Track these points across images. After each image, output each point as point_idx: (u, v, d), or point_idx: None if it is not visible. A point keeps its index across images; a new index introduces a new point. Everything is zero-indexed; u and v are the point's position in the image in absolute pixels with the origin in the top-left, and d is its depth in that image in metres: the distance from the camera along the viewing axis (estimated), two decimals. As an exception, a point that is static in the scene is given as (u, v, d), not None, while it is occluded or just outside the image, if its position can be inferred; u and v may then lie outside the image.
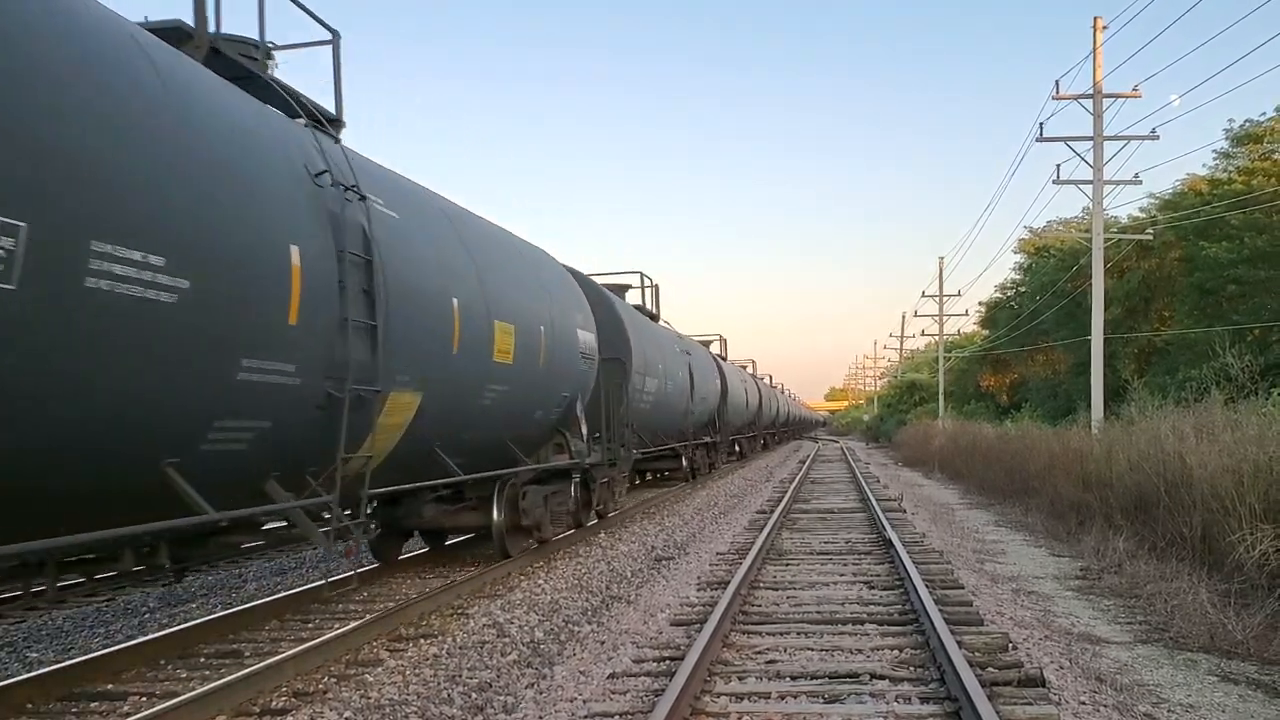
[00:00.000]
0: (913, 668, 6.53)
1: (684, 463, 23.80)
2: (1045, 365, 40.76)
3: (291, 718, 5.74)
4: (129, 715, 5.93)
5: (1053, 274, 37.07)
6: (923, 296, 51.80)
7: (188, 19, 6.53)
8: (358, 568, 8.64)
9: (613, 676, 6.45)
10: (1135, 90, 22.17)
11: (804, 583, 9.86)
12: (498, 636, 7.73)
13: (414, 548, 12.12)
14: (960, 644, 6.72)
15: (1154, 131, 22.06)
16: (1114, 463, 13.80)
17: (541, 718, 5.75)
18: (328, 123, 7.68)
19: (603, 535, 14.02)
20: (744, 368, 44.32)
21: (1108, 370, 23.40)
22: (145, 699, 6.18)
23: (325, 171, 6.87)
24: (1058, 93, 22.35)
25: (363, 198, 7.25)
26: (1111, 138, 22.27)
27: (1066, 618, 8.77)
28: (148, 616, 8.92)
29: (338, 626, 7.84)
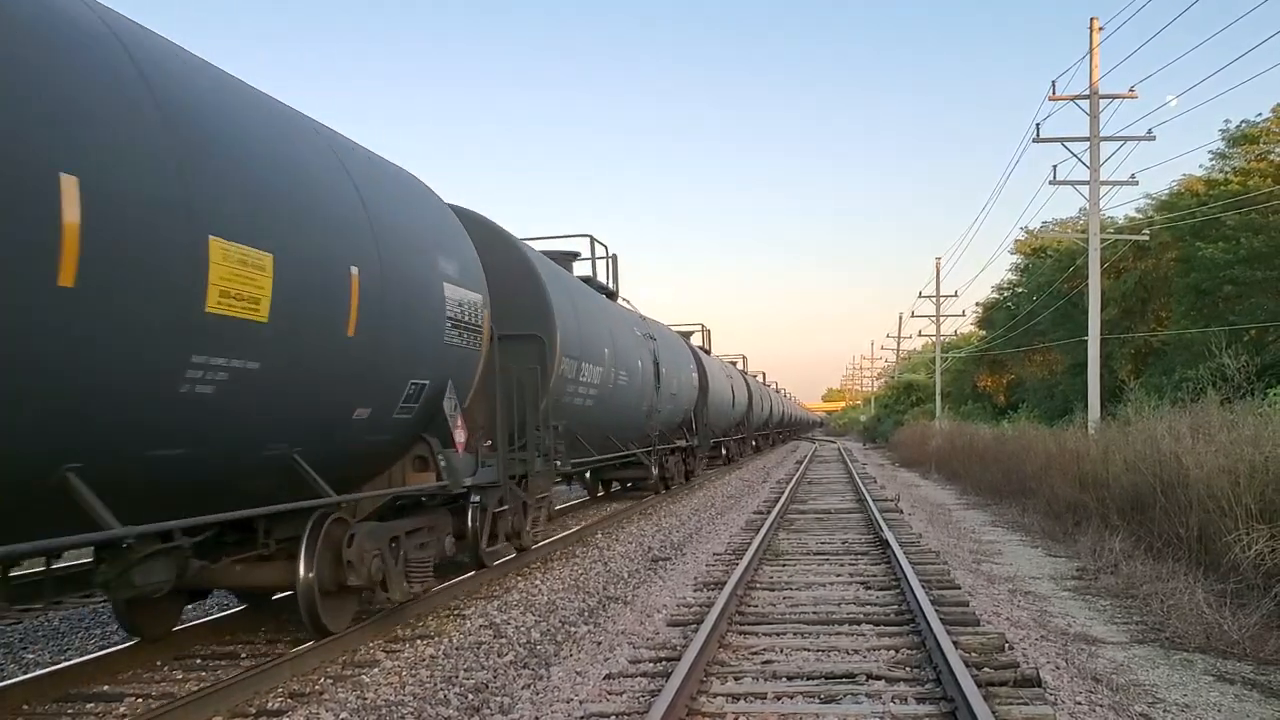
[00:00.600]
0: (909, 668, 6.54)
1: (654, 471, 19.04)
2: (1042, 366, 40.83)
3: (288, 719, 5.74)
4: (126, 716, 5.93)
5: (1049, 274, 37.15)
6: (920, 297, 51.95)
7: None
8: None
9: (609, 677, 6.45)
10: (1132, 91, 22.22)
11: (800, 583, 9.87)
12: (494, 637, 7.74)
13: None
14: (956, 644, 6.73)
15: (1150, 132, 22.11)
16: (1110, 463, 13.81)
17: (538, 718, 5.76)
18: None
19: (599, 536, 14.02)
20: (733, 364, 40.51)
21: (1104, 371, 23.44)
22: (142, 700, 6.18)
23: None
24: (1054, 94, 22.39)
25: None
26: (1108, 138, 22.31)
27: (1063, 618, 8.78)
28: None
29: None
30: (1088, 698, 6.01)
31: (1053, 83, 22.51)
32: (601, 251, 16.72)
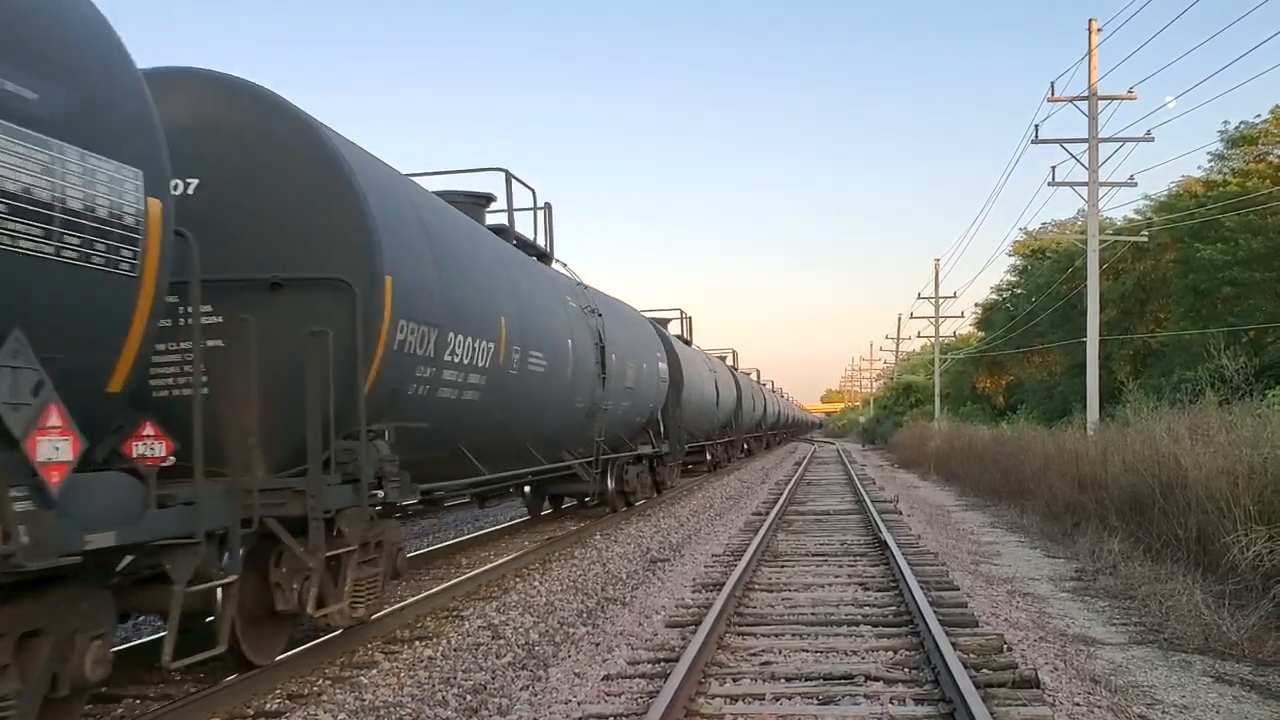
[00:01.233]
0: (908, 669, 6.54)
1: (609, 484, 15.92)
2: (1041, 367, 40.85)
3: (286, 720, 5.73)
4: (124, 718, 5.92)
5: (1048, 276, 37.16)
6: (919, 298, 52.00)
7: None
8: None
9: (608, 678, 6.45)
10: (1130, 92, 22.23)
11: (799, 584, 9.86)
12: (493, 639, 7.73)
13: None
14: (955, 645, 6.72)
15: (1149, 134, 22.11)
16: (1109, 464, 13.80)
17: (536, 719, 5.75)
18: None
19: (598, 537, 14.01)
20: (721, 358, 36.09)
21: (1103, 372, 23.44)
22: (139, 702, 6.17)
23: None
24: (1053, 95, 22.39)
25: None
26: (1107, 140, 22.31)
27: (1061, 619, 8.78)
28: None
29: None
30: (1086, 699, 6.01)
31: (1051, 84, 22.55)
32: (527, 199, 12.60)
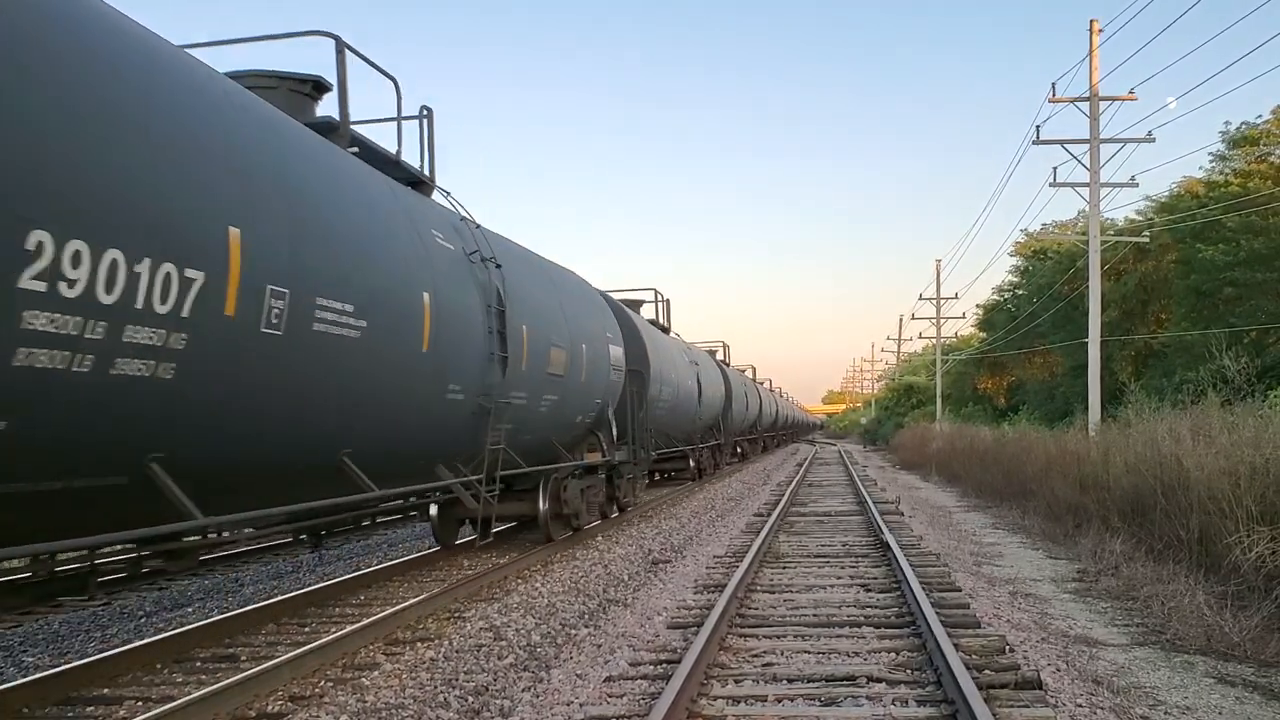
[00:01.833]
0: (910, 670, 6.53)
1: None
2: (1042, 368, 40.82)
3: (287, 722, 5.73)
4: (125, 719, 5.93)
5: (1050, 276, 37.14)
6: (920, 299, 51.87)
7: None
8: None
9: (609, 680, 6.44)
10: (1131, 93, 22.23)
11: (801, 585, 9.86)
12: (494, 640, 7.73)
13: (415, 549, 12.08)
14: (957, 646, 6.72)
15: (1150, 134, 22.11)
16: (1111, 465, 13.80)
17: (538, 721, 5.74)
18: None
19: (599, 538, 14.01)
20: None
21: (1105, 373, 23.43)
22: (141, 703, 6.17)
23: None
24: (1054, 96, 22.39)
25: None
26: (1108, 140, 22.31)
27: (1063, 620, 8.77)
28: (144, 620, 8.91)
29: (334, 630, 7.84)
30: (1089, 700, 6.00)
31: (1053, 85, 22.55)
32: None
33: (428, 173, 9.46)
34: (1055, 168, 31.25)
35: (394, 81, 8.75)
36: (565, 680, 6.56)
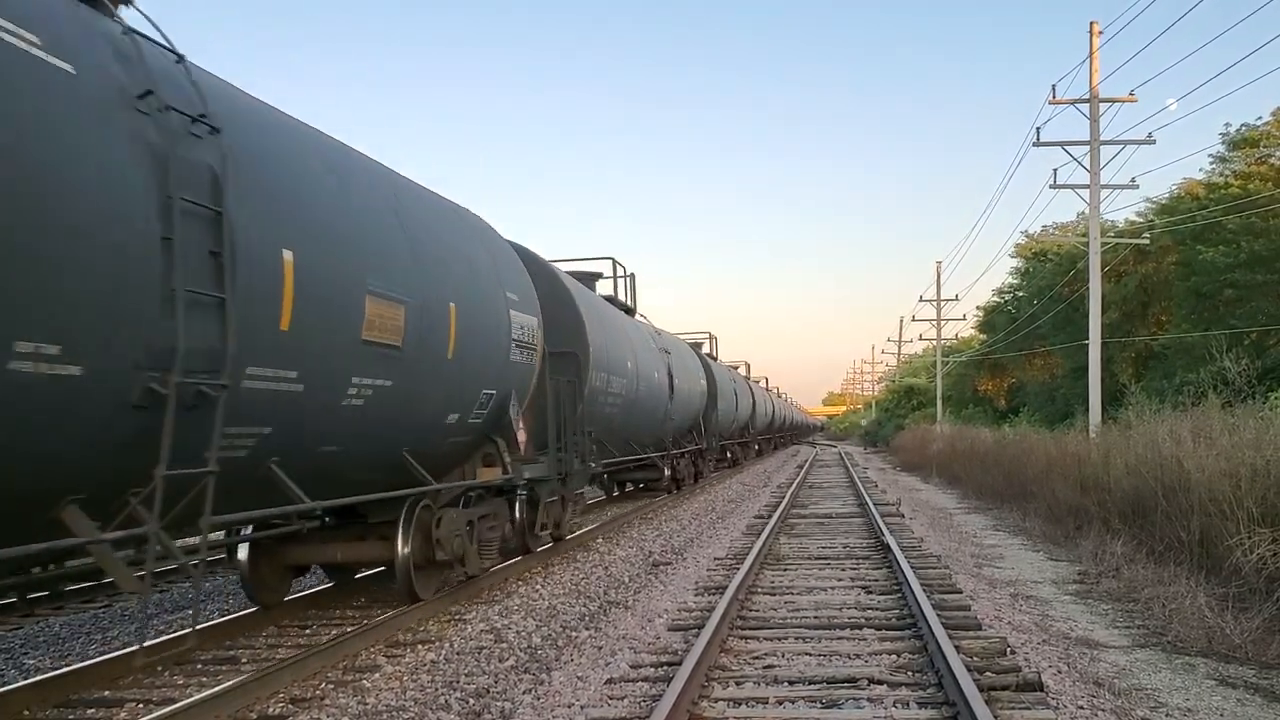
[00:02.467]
0: (911, 672, 6.53)
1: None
2: (1043, 369, 40.82)
3: (288, 724, 5.72)
4: (126, 722, 5.92)
5: (1050, 278, 37.15)
6: (920, 301, 51.96)
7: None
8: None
9: (610, 682, 6.44)
10: (1132, 95, 22.23)
11: (801, 587, 9.85)
12: (495, 642, 7.73)
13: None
14: (958, 648, 6.72)
15: (1150, 136, 22.11)
16: (1111, 467, 13.79)
17: (539, 723, 5.74)
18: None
19: (600, 541, 14.01)
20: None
21: (1105, 374, 23.42)
22: (142, 705, 6.17)
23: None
24: (1054, 97, 22.40)
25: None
26: (1108, 142, 22.31)
27: (1064, 622, 8.77)
28: (145, 622, 8.90)
29: (335, 632, 7.83)
30: (1090, 702, 6.00)
31: (1053, 86, 22.54)
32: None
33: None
34: (1055, 169, 31.32)
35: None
36: (566, 682, 6.56)
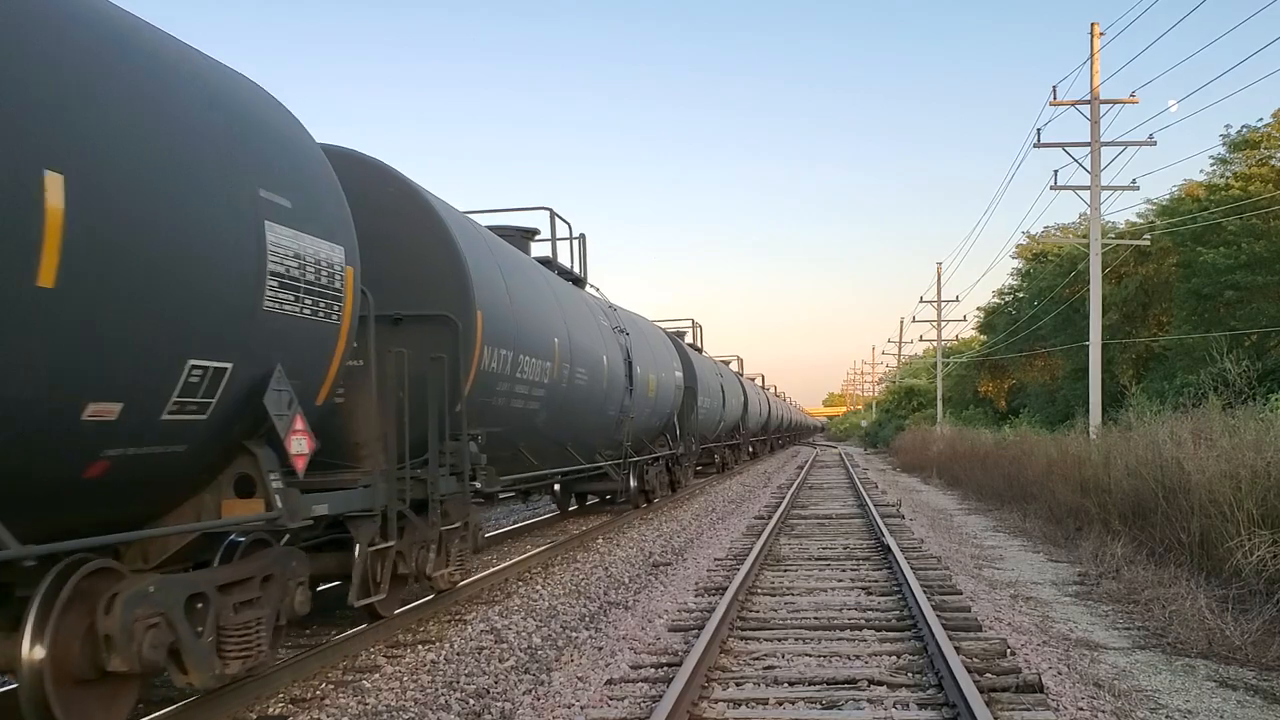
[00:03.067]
0: (911, 674, 6.53)
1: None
2: (1043, 371, 40.82)
3: (288, 724, 5.71)
4: (126, 722, 5.90)
5: (1051, 279, 37.15)
6: (921, 302, 51.97)
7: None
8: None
9: (610, 682, 6.44)
10: (1133, 96, 22.25)
11: (802, 588, 9.85)
12: (495, 642, 7.73)
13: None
14: (958, 650, 6.72)
15: (1151, 137, 22.14)
16: (1112, 468, 13.80)
17: (539, 724, 5.74)
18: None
19: (600, 541, 14.01)
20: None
21: (1105, 376, 23.43)
22: (141, 705, 6.16)
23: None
24: (1055, 98, 22.42)
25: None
26: (1109, 143, 22.33)
27: (1065, 623, 8.77)
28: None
29: (335, 633, 7.83)
30: (1090, 703, 6.00)
31: (1054, 88, 22.56)
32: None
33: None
34: (1056, 171, 31.52)
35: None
36: (566, 683, 6.55)
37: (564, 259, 14.47)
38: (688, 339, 26.54)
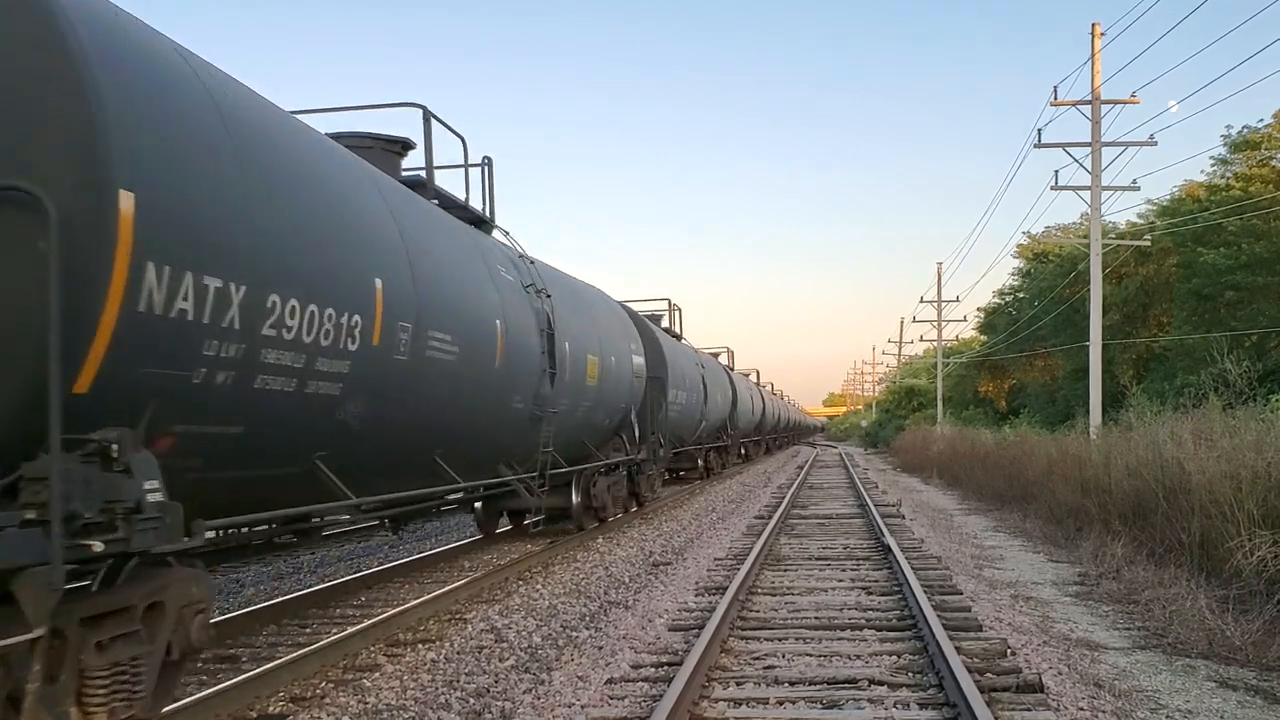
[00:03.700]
0: (911, 674, 6.53)
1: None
2: (1043, 371, 40.83)
3: (289, 723, 5.71)
4: (126, 720, 5.91)
5: (1051, 280, 37.16)
6: (921, 302, 51.97)
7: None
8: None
9: (610, 682, 6.44)
10: (1134, 96, 22.24)
11: (802, 588, 9.85)
12: (495, 642, 7.73)
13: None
14: (959, 650, 6.71)
15: (1152, 138, 22.13)
16: (1112, 469, 13.79)
17: (539, 723, 5.73)
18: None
19: (600, 540, 14.00)
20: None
21: (1106, 376, 23.42)
22: (142, 704, 6.16)
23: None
24: (1056, 99, 22.41)
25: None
26: (1110, 144, 22.31)
27: (1065, 623, 8.76)
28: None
29: (335, 631, 7.84)
30: (1090, 703, 6.00)
31: (1054, 88, 22.56)
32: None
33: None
34: (1057, 171, 31.46)
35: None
36: (566, 682, 6.55)
37: (456, 190, 10.62)
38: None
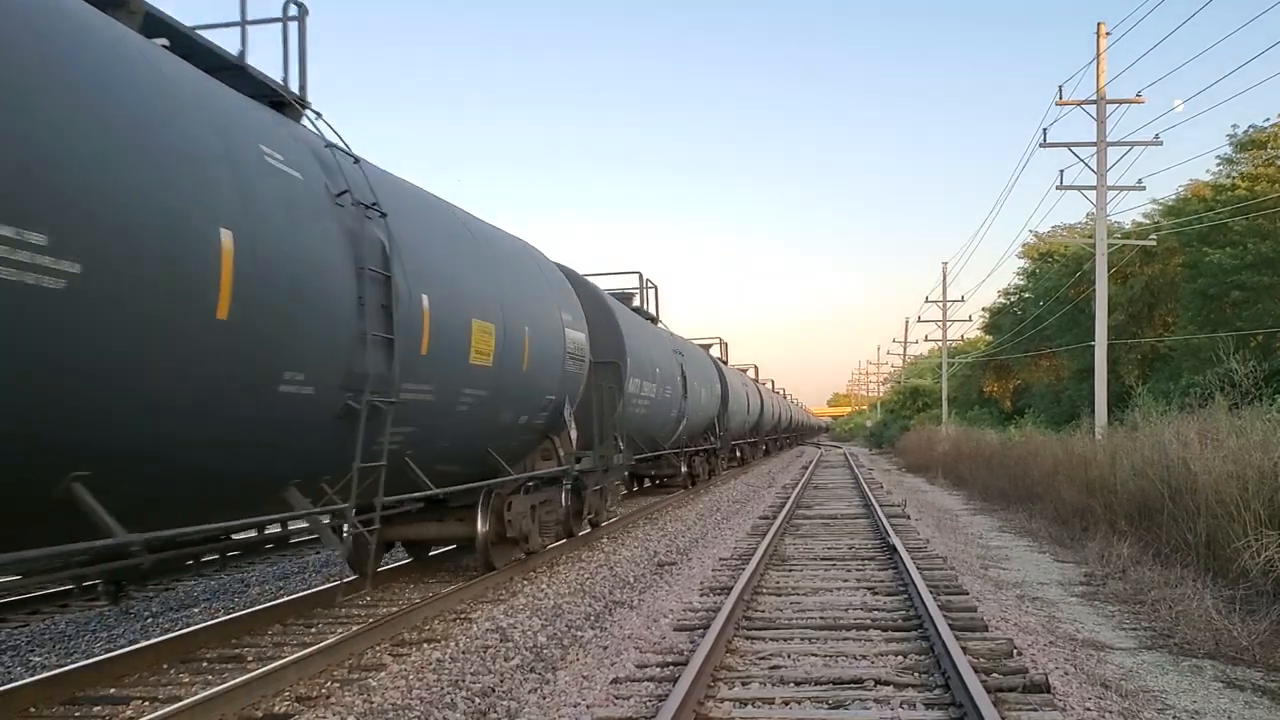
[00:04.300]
0: (917, 674, 6.52)
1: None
2: (1049, 371, 40.76)
3: (294, 722, 5.71)
4: (132, 719, 5.93)
5: (1056, 280, 37.11)
6: (926, 302, 51.88)
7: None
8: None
9: (616, 681, 6.43)
10: (1139, 96, 22.17)
11: (807, 588, 9.84)
12: (501, 641, 7.72)
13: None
14: (965, 650, 6.70)
15: (1157, 137, 22.06)
16: (1118, 469, 13.77)
17: (545, 723, 5.73)
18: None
19: (605, 540, 13.99)
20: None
21: (1111, 376, 23.36)
22: (148, 703, 6.18)
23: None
24: (1061, 98, 22.34)
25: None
26: (1115, 143, 22.24)
27: (1071, 624, 8.75)
28: (150, 621, 8.92)
29: (340, 631, 7.84)
30: (1097, 704, 5.98)
31: (1059, 87, 22.49)
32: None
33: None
34: (1062, 170, 31.40)
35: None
36: (571, 682, 6.55)
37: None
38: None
